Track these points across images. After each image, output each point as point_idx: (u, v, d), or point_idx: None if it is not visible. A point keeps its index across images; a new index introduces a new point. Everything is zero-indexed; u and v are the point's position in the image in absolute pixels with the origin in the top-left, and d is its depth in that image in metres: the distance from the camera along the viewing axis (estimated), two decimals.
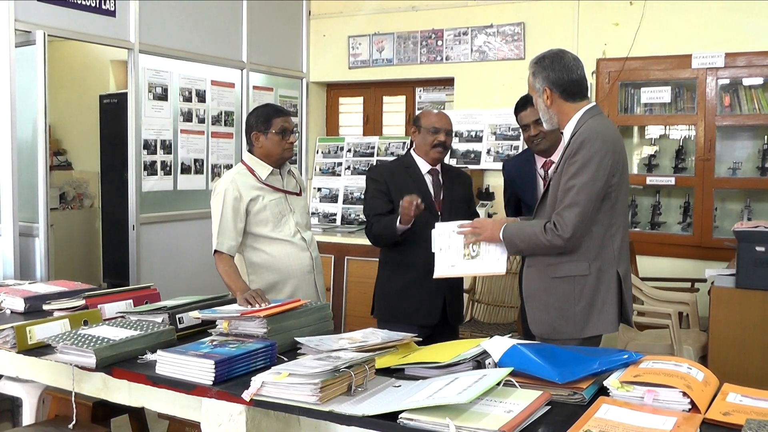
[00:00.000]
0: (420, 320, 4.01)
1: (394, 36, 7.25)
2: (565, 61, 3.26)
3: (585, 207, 3.08)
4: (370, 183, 4.28)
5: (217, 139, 6.59)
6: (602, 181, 3.10)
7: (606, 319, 3.20)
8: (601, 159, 3.09)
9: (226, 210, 3.91)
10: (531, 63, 3.34)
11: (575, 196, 3.08)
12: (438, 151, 4.15)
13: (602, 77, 6.31)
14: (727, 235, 5.56)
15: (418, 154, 4.22)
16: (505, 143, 6.68)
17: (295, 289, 4.02)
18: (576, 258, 3.15)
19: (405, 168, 4.22)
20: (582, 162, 3.09)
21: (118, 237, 6.33)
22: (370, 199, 4.24)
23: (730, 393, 2.42)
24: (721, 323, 4.52)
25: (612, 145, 3.15)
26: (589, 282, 3.17)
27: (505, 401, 2.31)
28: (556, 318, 3.21)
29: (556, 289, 3.20)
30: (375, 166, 4.42)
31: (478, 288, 6.08)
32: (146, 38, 5.81)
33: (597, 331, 3.21)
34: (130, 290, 3.85)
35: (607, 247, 3.19)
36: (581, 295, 3.17)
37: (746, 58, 5.83)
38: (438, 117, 4.19)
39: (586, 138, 3.11)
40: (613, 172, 3.13)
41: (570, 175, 3.11)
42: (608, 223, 3.17)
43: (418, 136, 4.19)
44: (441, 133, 4.13)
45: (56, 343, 2.90)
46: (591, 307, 3.18)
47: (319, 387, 2.36)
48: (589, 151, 3.09)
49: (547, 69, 3.26)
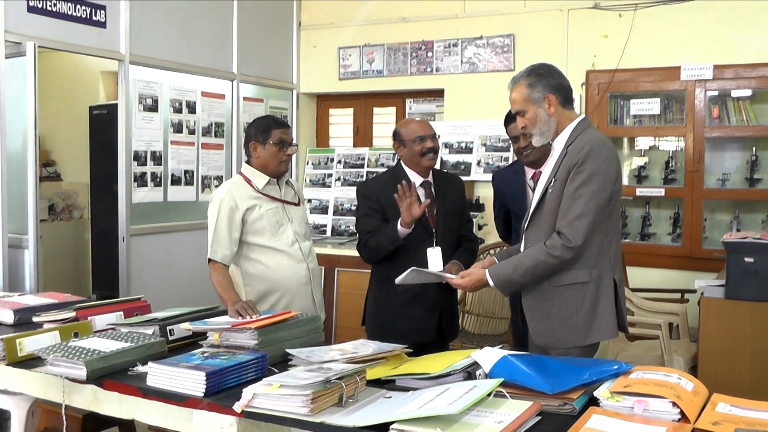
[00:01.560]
0: (415, 339, 3.70)
1: (385, 47, 7.27)
2: (557, 69, 3.31)
3: (595, 216, 3.10)
4: (361, 200, 4.18)
5: (207, 151, 6.58)
6: (608, 191, 3.13)
7: (607, 326, 3.21)
8: (608, 168, 3.14)
9: (221, 219, 3.91)
10: (521, 77, 3.31)
11: (586, 204, 3.09)
12: (429, 158, 4.05)
13: (591, 89, 6.33)
14: (717, 246, 5.58)
15: (408, 167, 4.12)
16: (495, 154, 6.69)
17: (290, 300, 4.00)
18: (578, 266, 3.16)
19: (398, 182, 4.06)
20: (590, 171, 3.10)
21: (108, 249, 6.31)
22: (363, 217, 4.14)
23: (719, 403, 2.42)
24: (710, 334, 4.53)
25: (615, 155, 3.22)
26: (590, 289, 3.18)
27: (496, 412, 2.31)
28: (559, 327, 3.21)
29: (559, 298, 3.21)
30: (366, 182, 4.34)
31: (469, 299, 6.08)
32: (137, 49, 5.81)
33: (599, 338, 3.23)
34: (121, 302, 3.84)
35: (604, 254, 3.20)
36: (583, 302, 3.18)
37: (734, 70, 5.86)
38: (419, 125, 4.11)
39: (593, 147, 3.13)
40: (614, 181, 3.17)
41: (578, 184, 3.12)
42: (605, 230, 3.19)
43: (404, 150, 4.09)
44: (427, 139, 4.04)
45: (46, 355, 2.89)
46: (593, 314, 3.19)
47: (310, 398, 2.36)
48: (597, 159, 3.11)
49: (546, 76, 3.26)
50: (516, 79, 3.34)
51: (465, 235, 4.22)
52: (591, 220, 3.09)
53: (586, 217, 3.09)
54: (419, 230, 3.89)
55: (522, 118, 3.33)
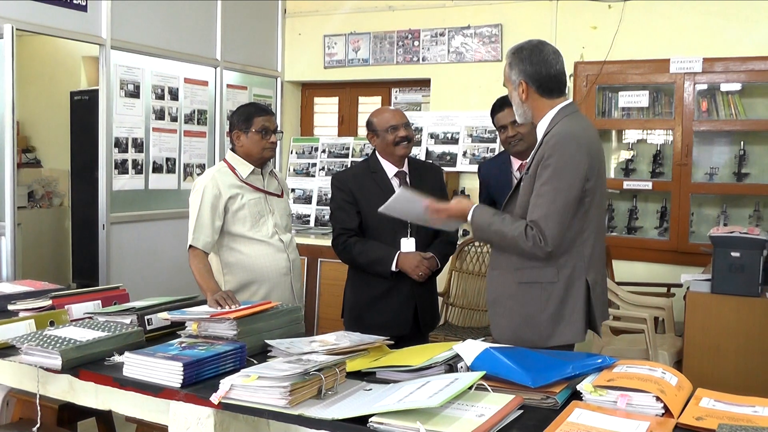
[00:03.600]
0: (390, 332, 3.55)
1: (371, 36, 7.22)
2: (544, 54, 3.15)
3: (564, 216, 2.97)
4: (335, 191, 4.14)
5: (189, 138, 6.52)
6: (577, 188, 2.99)
7: (573, 329, 3.09)
8: (576, 165, 2.98)
9: (204, 206, 3.87)
10: (509, 52, 3.21)
11: (551, 204, 2.96)
12: (404, 146, 4.01)
13: (580, 80, 6.30)
14: (704, 240, 5.58)
15: (383, 157, 4.09)
16: (482, 145, 6.66)
17: (269, 290, 3.97)
18: (544, 264, 3.05)
19: (371, 173, 4.08)
20: (555, 167, 2.97)
21: (88, 237, 6.27)
22: (336, 210, 4.13)
23: (703, 398, 2.41)
24: (696, 328, 4.51)
25: (587, 148, 3.04)
26: (557, 289, 3.06)
27: (477, 405, 2.28)
28: (520, 325, 3.11)
29: (523, 295, 3.10)
30: (340, 173, 4.27)
31: (453, 291, 6.05)
32: (118, 34, 5.75)
33: (562, 341, 3.09)
34: (99, 291, 3.78)
35: (578, 253, 3.07)
36: (548, 303, 3.07)
37: (724, 64, 5.84)
38: (392, 114, 4.06)
39: (558, 141, 2.99)
40: (588, 177, 3.02)
41: (543, 180, 2.99)
42: (580, 228, 3.06)
43: (378, 140, 4.06)
44: (400, 128, 4.00)
45: (21, 344, 2.84)
46: (558, 316, 3.07)
47: (288, 390, 2.32)
48: (563, 156, 2.98)
49: (524, 61, 3.13)
50: (508, 52, 3.24)
51: None
52: (560, 221, 2.96)
53: (555, 218, 2.96)
54: (393, 221, 3.83)
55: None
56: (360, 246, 4.01)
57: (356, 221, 4.04)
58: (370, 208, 3.88)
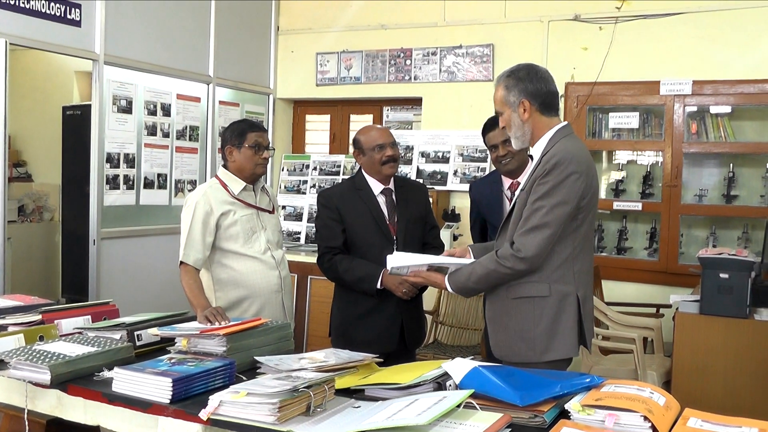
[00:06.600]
0: (377, 349, 3.55)
1: (363, 54, 7.25)
2: (541, 73, 3.20)
3: (554, 230, 3.01)
4: (321, 209, 4.14)
5: (181, 154, 6.53)
6: (573, 205, 3.02)
7: (567, 343, 3.12)
8: (574, 182, 3.02)
9: (196, 222, 3.87)
10: (501, 77, 3.24)
11: (543, 217, 3.00)
12: (390, 166, 4.02)
13: (570, 101, 6.33)
14: (693, 261, 5.58)
15: (369, 175, 4.09)
16: (472, 165, 6.68)
17: (261, 307, 3.98)
18: (536, 279, 3.08)
19: (357, 190, 4.08)
20: (554, 183, 3.01)
21: (79, 252, 6.26)
22: (322, 228, 4.12)
23: (691, 418, 2.40)
24: (684, 349, 4.52)
25: (585, 167, 3.09)
26: (549, 304, 3.09)
27: (465, 423, 2.28)
28: (516, 340, 3.14)
29: (516, 311, 3.13)
30: (325, 190, 4.27)
31: (442, 310, 6.05)
32: (112, 49, 5.76)
33: (558, 355, 3.12)
34: (89, 306, 3.76)
35: (569, 269, 3.11)
36: (541, 318, 3.09)
37: (713, 87, 5.88)
38: (379, 132, 4.08)
39: (560, 159, 3.03)
40: (584, 195, 3.06)
41: (539, 195, 3.03)
42: (571, 245, 3.10)
43: (364, 159, 4.06)
44: (387, 147, 4.01)
45: (9, 358, 2.83)
46: (552, 331, 3.09)
47: (277, 407, 2.32)
48: (562, 173, 3.01)
49: (524, 80, 3.16)
50: (499, 78, 3.27)
51: (430, 242, 4.19)
52: (549, 233, 3.00)
53: (542, 230, 2.99)
54: (380, 238, 3.87)
55: (502, 118, 3.27)
56: (346, 263, 4.00)
57: (341, 239, 4.04)
58: (356, 225, 3.93)
